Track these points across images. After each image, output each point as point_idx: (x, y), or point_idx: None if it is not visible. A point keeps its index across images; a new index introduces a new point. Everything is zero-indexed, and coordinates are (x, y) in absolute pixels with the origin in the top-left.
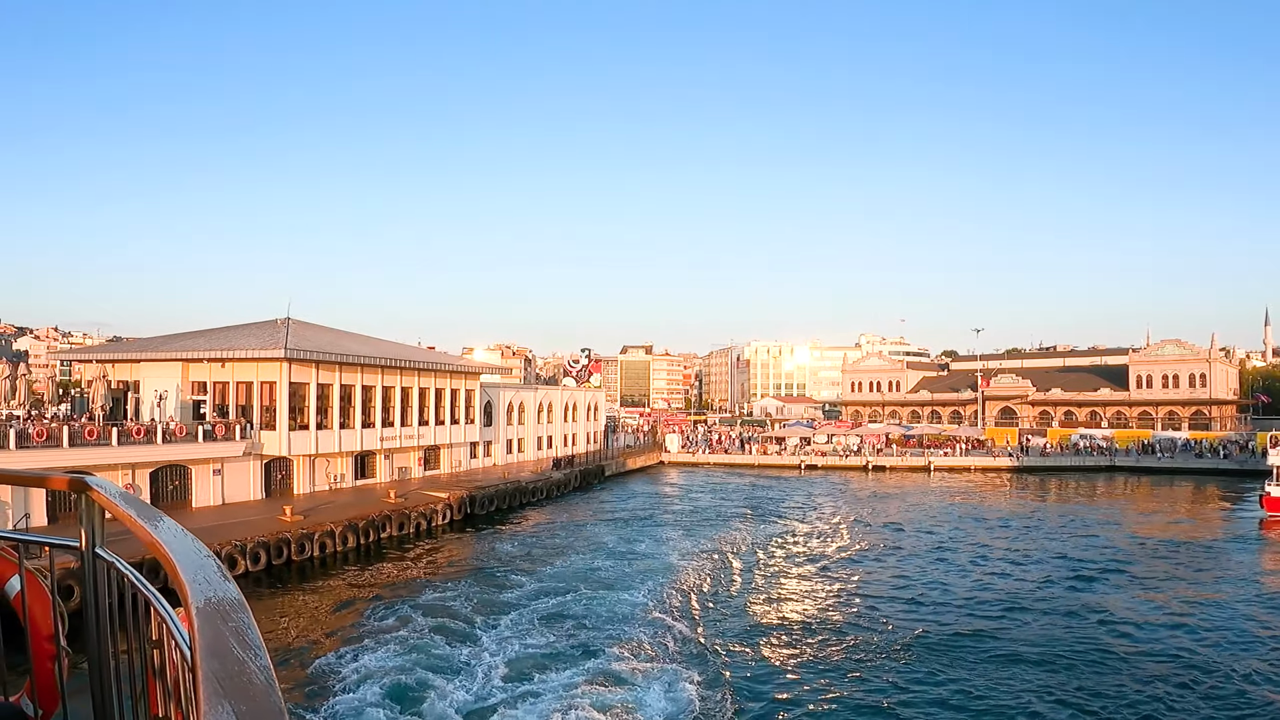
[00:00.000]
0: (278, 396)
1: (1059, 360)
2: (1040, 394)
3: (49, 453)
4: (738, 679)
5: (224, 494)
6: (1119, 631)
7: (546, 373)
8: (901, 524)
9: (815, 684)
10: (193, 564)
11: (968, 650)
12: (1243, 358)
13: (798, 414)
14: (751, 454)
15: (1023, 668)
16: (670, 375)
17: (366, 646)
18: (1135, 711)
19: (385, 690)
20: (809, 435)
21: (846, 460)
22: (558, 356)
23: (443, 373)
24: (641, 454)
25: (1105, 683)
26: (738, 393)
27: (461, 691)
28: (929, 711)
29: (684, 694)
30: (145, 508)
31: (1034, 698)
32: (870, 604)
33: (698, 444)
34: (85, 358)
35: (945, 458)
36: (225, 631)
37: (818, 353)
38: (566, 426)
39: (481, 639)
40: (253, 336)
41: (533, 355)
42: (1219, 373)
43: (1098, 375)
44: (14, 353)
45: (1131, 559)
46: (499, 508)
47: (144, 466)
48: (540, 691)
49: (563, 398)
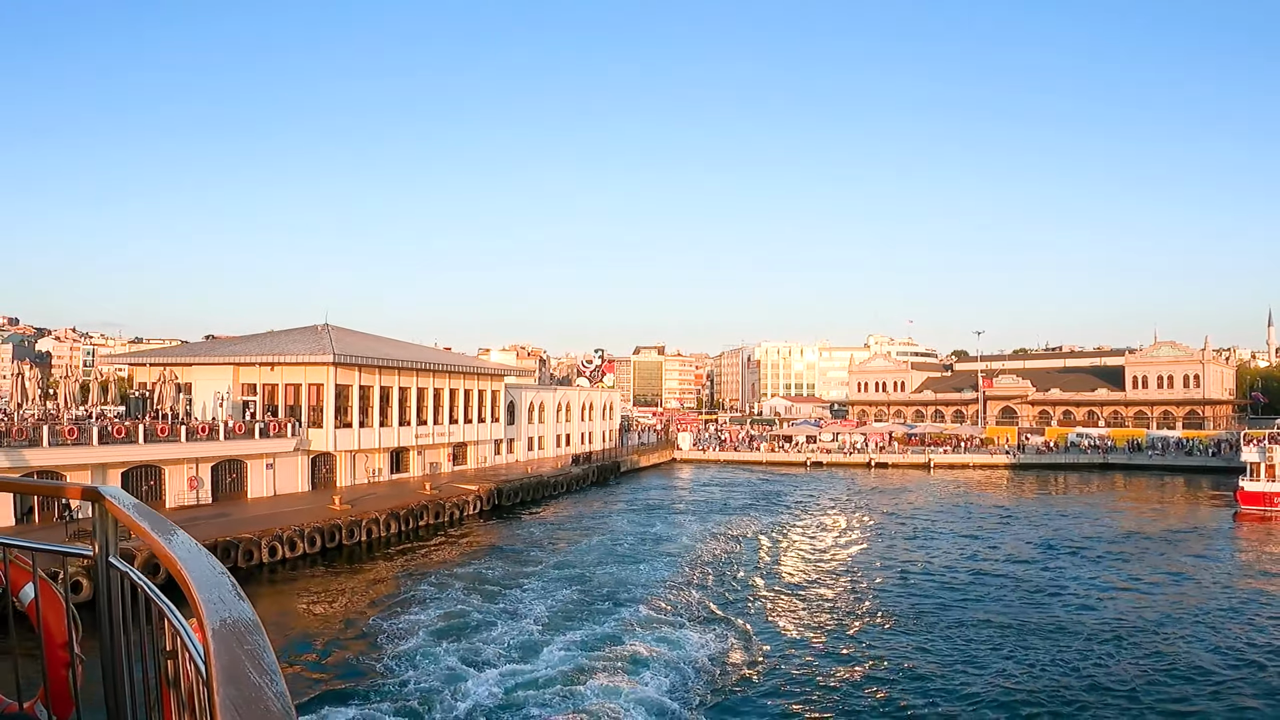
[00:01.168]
0: (325, 397)
1: (1059, 361)
2: (1040, 394)
3: (127, 448)
4: (747, 630)
5: (275, 486)
6: (1077, 600)
7: (560, 373)
8: (897, 513)
9: (811, 637)
10: (208, 582)
11: (944, 614)
12: (1247, 358)
13: (806, 413)
14: (760, 451)
15: (990, 629)
16: (682, 375)
17: (415, 607)
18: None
19: (436, 632)
20: (815, 434)
21: (850, 458)
22: (571, 357)
23: (470, 375)
24: (655, 451)
25: (1062, 641)
26: (748, 392)
27: (504, 632)
28: (908, 658)
29: (691, 637)
30: (159, 520)
31: (993, 651)
32: (860, 574)
33: (708, 442)
34: (140, 361)
35: (945, 455)
36: (241, 655)
37: (826, 354)
38: (584, 425)
39: (516, 597)
40: (299, 342)
41: (547, 356)
42: (1212, 373)
43: (1096, 376)
44: (36, 353)
45: (1109, 543)
46: (524, 500)
47: (206, 461)
48: (572, 634)
49: (580, 398)
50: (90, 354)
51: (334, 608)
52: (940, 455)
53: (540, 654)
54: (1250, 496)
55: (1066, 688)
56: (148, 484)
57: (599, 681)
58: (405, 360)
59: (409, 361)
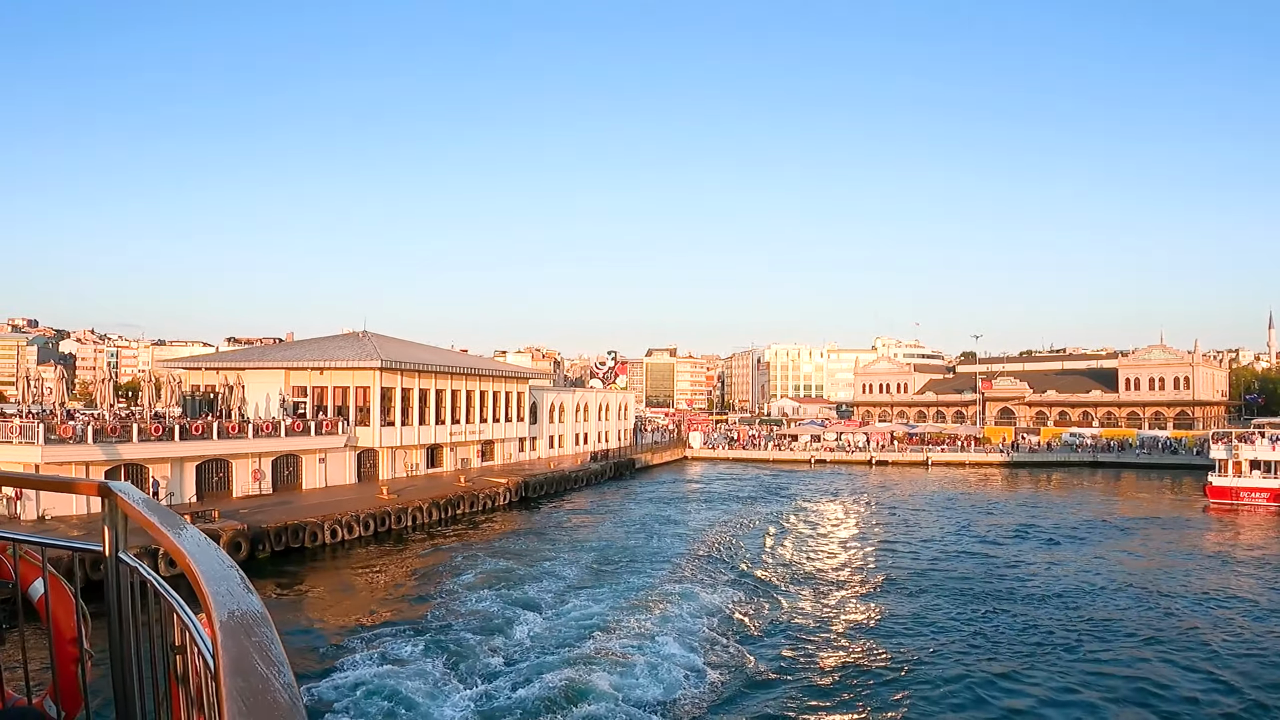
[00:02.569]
0: (371, 398)
1: (1058, 364)
2: (1037, 395)
3: (203, 443)
4: (748, 588)
5: (326, 479)
6: (1036, 574)
7: (573, 374)
8: (890, 503)
9: (802, 595)
10: (216, 575)
11: (917, 580)
12: (1251, 360)
13: (812, 414)
14: (766, 450)
15: (952, 595)
16: (694, 377)
17: (462, 572)
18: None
19: (482, 587)
20: (819, 433)
21: (852, 456)
22: (584, 358)
23: (498, 378)
24: (667, 449)
25: (1014, 605)
26: (758, 394)
27: (543, 587)
28: (881, 612)
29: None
30: (169, 515)
31: (953, 608)
32: (848, 548)
33: (718, 441)
34: (196, 365)
35: (943, 454)
36: (249, 647)
37: (834, 356)
38: (600, 425)
39: (548, 565)
40: (344, 348)
41: (561, 358)
42: (1202, 376)
43: (1091, 378)
44: (60, 355)
45: (1086, 529)
46: (548, 492)
47: (268, 455)
48: (597, 593)
49: (597, 399)
50: (114, 356)
51: (390, 575)
52: (938, 454)
53: (572, 603)
54: (1218, 491)
55: (1012, 639)
56: (218, 475)
57: (621, 625)
58: (441, 365)
59: (444, 366)
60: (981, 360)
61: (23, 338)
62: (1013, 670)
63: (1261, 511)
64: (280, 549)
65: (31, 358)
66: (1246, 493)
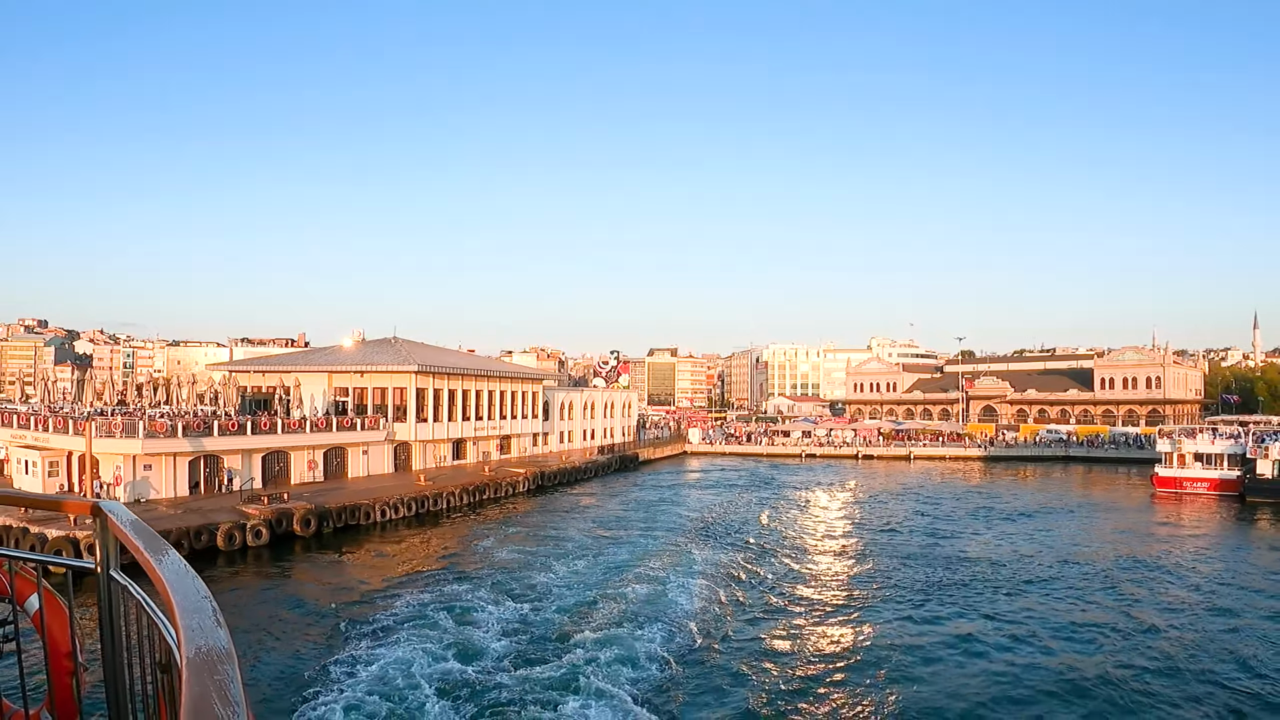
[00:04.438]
0: (408, 398)
1: (1040, 364)
2: (1018, 394)
3: (269, 437)
4: (739, 553)
5: (368, 468)
6: (987, 544)
7: (577, 373)
8: (870, 490)
9: (782, 553)
10: (191, 606)
11: (882, 547)
12: (1238, 360)
13: (806, 411)
14: (761, 445)
15: (919, 561)
16: (694, 376)
17: (490, 539)
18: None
19: (510, 549)
20: (810, 429)
21: (841, 450)
22: (587, 358)
23: (515, 379)
24: (668, 445)
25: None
26: (757, 392)
27: (565, 549)
28: (844, 570)
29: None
30: (153, 538)
31: (922, 569)
32: (825, 522)
33: (715, 437)
34: (244, 368)
35: (925, 448)
36: (210, 687)
37: (830, 355)
38: (606, 421)
39: (567, 535)
40: (382, 353)
41: (565, 357)
42: (1172, 375)
43: (1069, 377)
44: (76, 355)
45: (1038, 510)
46: (561, 482)
47: (320, 448)
48: (612, 550)
49: (603, 398)
50: (130, 356)
51: (436, 542)
52: (920, 449)
53: (589, 559)
54: (1164, 481)
55: (946, 588)
56: (279, 465)
57: (630, 577)
58: (467, 368)
59: (469, 369)
60: (972, 360)
61: (39, 338)
62: (942, 614)
63: (1203, 499)
64: (340, 525)
65: (49, 358)
66: (1189, 482)
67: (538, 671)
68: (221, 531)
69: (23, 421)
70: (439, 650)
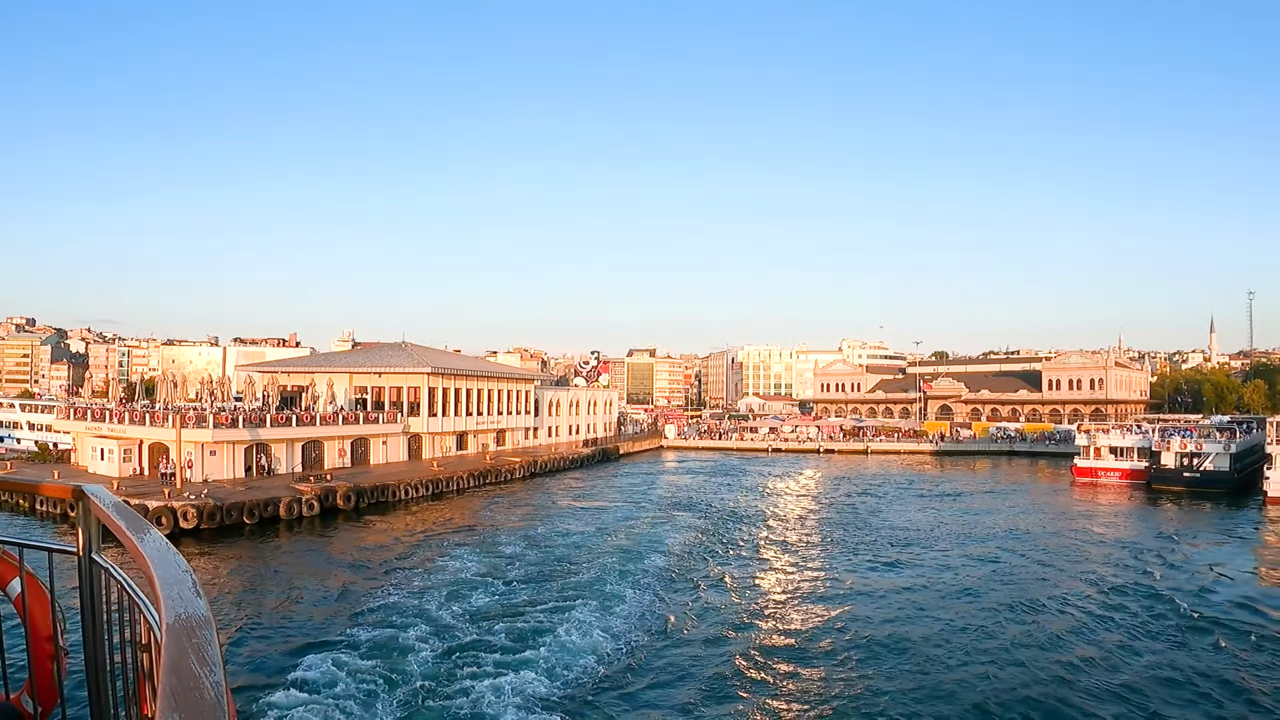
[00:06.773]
0: (421, 396)
1: (995, 366)
2: (972, 394)
3: (309, 429)
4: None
5: (387, 456)
6: (911, 520)
7: (559, 373)
8: (825, 478)
9: (736, 525)
10: (171, 578)
11: (829, 524)
12: (1198, 362)
13: (776, 410)
14: (732, 440)
15: (853, 528)
16: (672, 376)
17: (497, 512)
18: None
19: (516, 518)
20: (778, 426)
21: (804, 445)
22: (568, 358)
23: (511, 380)
24: (645, 440)
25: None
26: (732, 391)
27: (562, 516)
28: (799, 537)
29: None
30: (135, 519)
31: (858, 533)
32: (778, 501)
33: (690, 433)
34: (272, 369)
35: (881, 443)
36: (188, 648)
37: (802, 356)
38: (589, 418)
39: (554, 512)
40: (395, 356)
41: (548, 358)
42: (1115, 376)
43: (1020, 379)
44: (71, 354)
45: (967, 493)
46: (551, 470)
47: (348, 438)
48: (594, 521)
49: (587, 396)
50: (125, 355)
51: (453, 514)
52: (878, 444)
53: (580, 523)
54: (1081, 470)
55: (878, 551)
56: (315, 453)
57: (615, 540)
58: (470, 369)
59: (472, 370)
60: (945, 361)
61: (35, 337)
62: (855, 562)
63: (1115, 487)
64: (372, 502)
65: (44, 357)
66: (1103, 472)
67: (544, 589)
68: (283, 504)
69: (97, 415)
70: (472, 577)
